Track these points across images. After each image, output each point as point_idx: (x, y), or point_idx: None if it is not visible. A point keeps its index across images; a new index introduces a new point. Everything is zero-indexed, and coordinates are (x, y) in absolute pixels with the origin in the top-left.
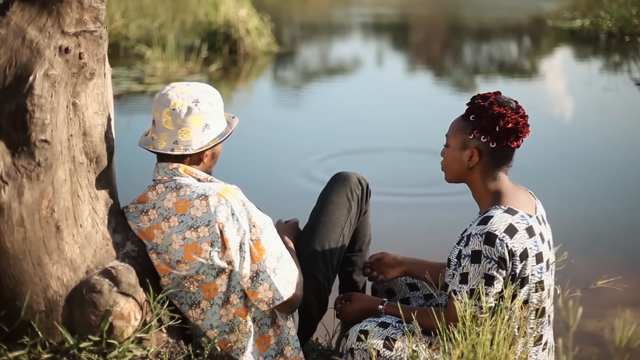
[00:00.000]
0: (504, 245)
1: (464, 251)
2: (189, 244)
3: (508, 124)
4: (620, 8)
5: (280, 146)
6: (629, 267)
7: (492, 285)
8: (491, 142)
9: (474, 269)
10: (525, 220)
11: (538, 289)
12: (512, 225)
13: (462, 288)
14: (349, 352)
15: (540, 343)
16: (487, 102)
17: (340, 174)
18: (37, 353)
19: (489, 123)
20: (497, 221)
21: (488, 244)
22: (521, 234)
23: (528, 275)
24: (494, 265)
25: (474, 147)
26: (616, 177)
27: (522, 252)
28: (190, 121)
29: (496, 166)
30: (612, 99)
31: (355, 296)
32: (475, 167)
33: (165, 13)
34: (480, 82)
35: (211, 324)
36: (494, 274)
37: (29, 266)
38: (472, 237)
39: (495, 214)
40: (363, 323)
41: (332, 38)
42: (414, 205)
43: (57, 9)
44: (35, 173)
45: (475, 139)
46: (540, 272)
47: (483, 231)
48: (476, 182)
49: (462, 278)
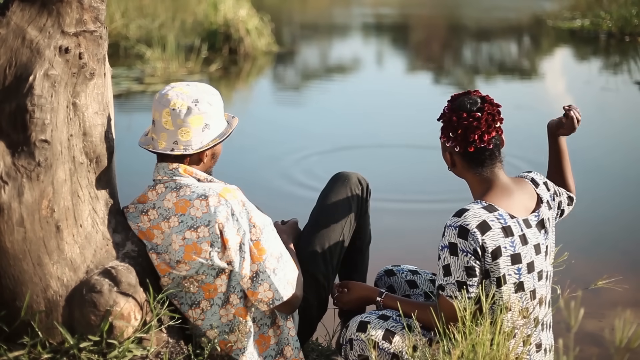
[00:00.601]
0: (476, 239)
1: (441, 242)
2: (188, 244)
3: (457, 129)
4: (620, 8)
5: (280, 146)
6: (629, 267)
7: (475, 275)
8: (454, 147)
9: (454, 261)
10: (502, 219)
11: (518, 290)
12: (486, 222)
13: (448, 281)
14: (347, 342)
15: (530, 344)
16: (447, 105)
17: (340, 174)
18: (37, 353)
19: (445, 128)
20: (470, 215)
21: (461, 237)
22: (495, 232)
23: (504, 275)
24: (471, 257)
25: (447, 151)
26: (616, 177)
27: (495, 249)
28: (190, 121)
29: (478, 165)
30: (612, 99)
31: (354, 285)
32: (458, 168)
33: (165, 13)
34: (480, 82)
35: (211, 324)
36: (472, 265)
37: (29, 266)
38: (447, 228)
39: (471, 208)
40: (364, 315)
41: (332, 38)
42: (414, 206)
43: (57, 9)
44: (35, 173)
45: (444, 143)
46: (518, 273)
47: (456, 224)
48: (470, 180)
49: (445, 271)
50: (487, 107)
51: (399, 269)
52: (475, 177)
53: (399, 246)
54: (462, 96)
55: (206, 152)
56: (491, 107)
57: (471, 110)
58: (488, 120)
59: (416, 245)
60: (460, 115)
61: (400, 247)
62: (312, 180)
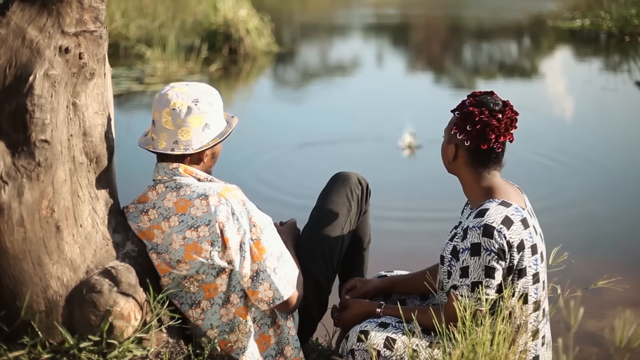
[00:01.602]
0: (502, 236)
1: (461, 245)
2: (189, 244)
3: (477, 124)
4: (620, 8)
5: (280, 146)
6: (629, 267)
7: (493, 277)
8: (465, 140)
9: (474, 261)
10: (519, 212)
11: (535, 281)
12: (508, 216)
13: (463, 282)
14: (349, 353)
15: (538, 337)
16: (468, 100)
17: (340, 174)
18: (37, 353)
19: (462, 121)
20: (493, 213)
21: (486, 236)
22: (517, 225)
23: (525, 267)
24: (494, 257)
25: (454, 142)
26: (616, 177)
27: (519, 244)
28: (190, 121)
29: (480, 165)
30: (612, 99)
31: (353, 302)
32: (459, 162)
33: (165, 13)
34: (480, 82)
35: (211, 323)
36: (494, 265)
37: (29, 266)
38: (469, 230)
39: (491, 207)
40: (363, 324)
41: (332, 38)
42: (414, 204)
43: (57, 9)
44: (35, 173)
45: (454, 135)
46: (535, 263)
47: (480, 224)
48: (465, 178)
49: (463, 272)
50: (508, 111)
51: (392, 275)
52: (473, 175)
53: (399, 246)
54: (486, 95)
55: (206, 151)
56: (511, 112)
57: (493, 109)
58: (507, 124)
59: (417, 245)
60: (482, 111)
61: (400, 246)
62: (311, 178)
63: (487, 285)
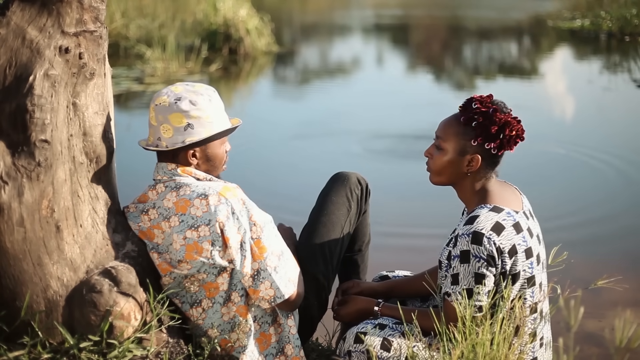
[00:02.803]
0: (492, 242)
1: (453, 252)
2: (189, 244)
3: (512, 132)
4: (620, 8)
5: (279, 145)
6: (629, 267)
7: (483, 283)
8: (494, 149)
9: (464, 269)
10: (511, 216)
11: (530, 285)
12: (499, 222)
13: (454, 289)
14: (346, 354)
15: (536, 340)
16: (490, 109)
17: (339, 174)
18: (37, 353)
19: (496, 131)
20: (483, 220)
21: (475, 243)
22: (508, 230)
23: (519, 272)
24: (484, 264)
25: (475, 153)
26: (616, 177)
27: (511, 249)
28: (170, 118)
29: (490, 169)
30: (612, 98)
31: (351, 298)
32: (478, 171)
33: (165, 13)
34: (481, 82)
35: (212, 322)
36: (484, 272)
37: (29, 266)
38: (459, 238)
39: (481, 213)
40: (360, 325)
41: (332, 38)
42: (413, 205)
43: (57, 9)
44: (35, 173)
45: (478, 146)
46: (530, 267)
47: (470, 231)
48: (465, 185)
49: (453, 279)
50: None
51: (393, 275)
52: (476, 180)
53: (399, 246)
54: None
55: (195, 153)
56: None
57: (509, 113)
58: (519, 130)
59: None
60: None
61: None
62: (310, 178)
63: (478, 292)
